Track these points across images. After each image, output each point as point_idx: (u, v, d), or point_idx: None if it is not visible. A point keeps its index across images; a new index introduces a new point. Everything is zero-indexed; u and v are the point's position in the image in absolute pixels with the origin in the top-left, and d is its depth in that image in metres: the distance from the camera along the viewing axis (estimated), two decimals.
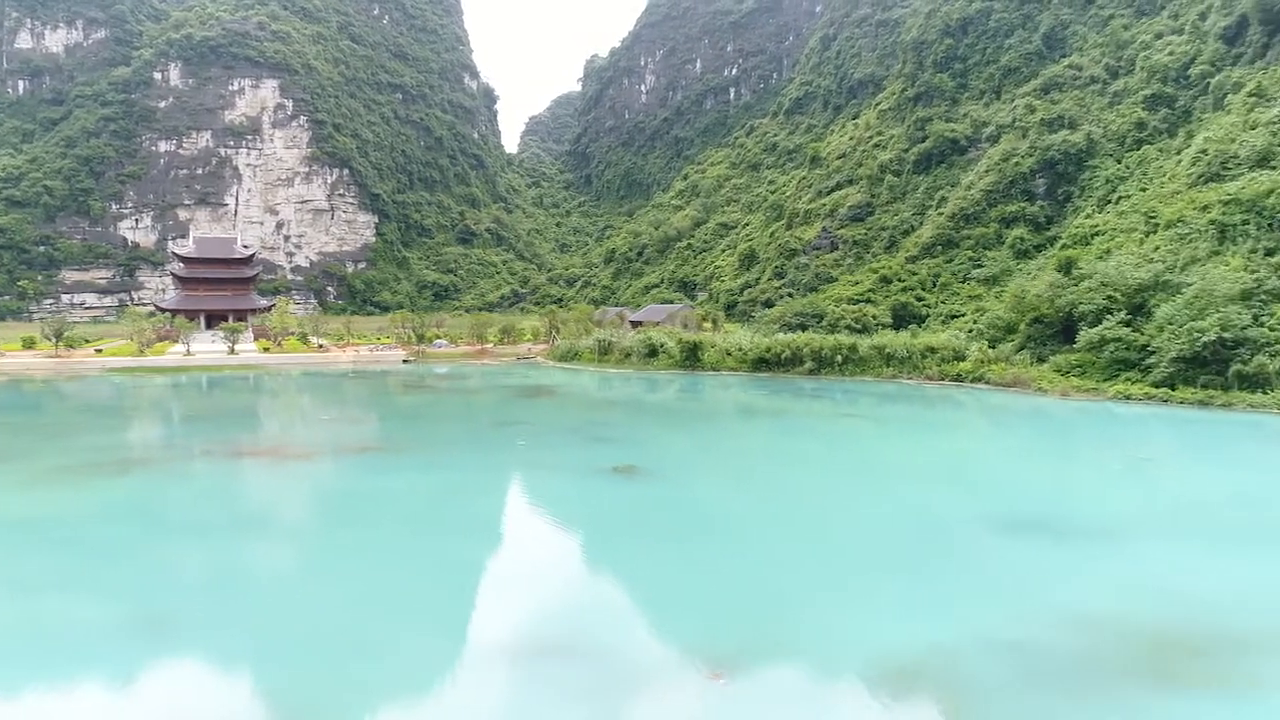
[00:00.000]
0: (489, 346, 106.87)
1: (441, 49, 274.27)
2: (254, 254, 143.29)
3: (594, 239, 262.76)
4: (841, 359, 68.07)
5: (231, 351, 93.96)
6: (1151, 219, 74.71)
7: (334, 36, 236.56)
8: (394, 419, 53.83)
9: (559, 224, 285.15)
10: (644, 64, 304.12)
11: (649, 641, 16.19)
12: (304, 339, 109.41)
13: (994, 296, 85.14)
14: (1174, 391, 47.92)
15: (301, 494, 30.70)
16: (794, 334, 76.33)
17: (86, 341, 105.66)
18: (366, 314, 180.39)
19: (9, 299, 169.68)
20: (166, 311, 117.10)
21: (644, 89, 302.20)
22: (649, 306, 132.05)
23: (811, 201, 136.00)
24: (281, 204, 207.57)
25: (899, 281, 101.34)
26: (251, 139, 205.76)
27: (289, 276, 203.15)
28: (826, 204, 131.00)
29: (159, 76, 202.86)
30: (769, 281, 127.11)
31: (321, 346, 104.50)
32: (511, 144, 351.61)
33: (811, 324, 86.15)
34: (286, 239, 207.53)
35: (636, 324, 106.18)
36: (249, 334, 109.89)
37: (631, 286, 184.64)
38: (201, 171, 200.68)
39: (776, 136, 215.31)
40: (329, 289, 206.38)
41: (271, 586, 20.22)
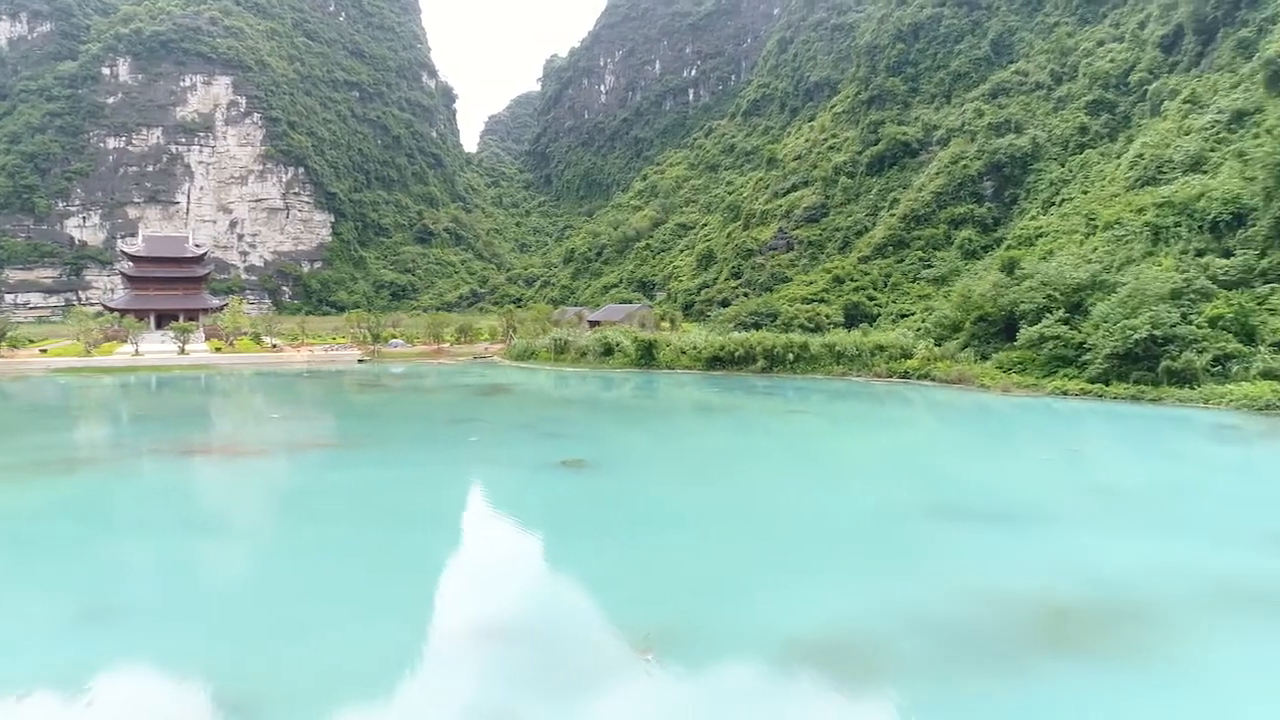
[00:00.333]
0: (445, 346, 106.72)
1: (399, 47, 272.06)
2: (205, 253, 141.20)
3: (553, 239, 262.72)
4: (793, 357, 69.31)
5: (182, 351, 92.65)
6: (1092, 221, 77.22)
7: (288, 33, 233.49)
8: (348, 417, 53.80)
9: (518, 224, 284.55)
10: (603, 64, 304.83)
11: (587, 624, 16.92)
12: (257, 339, 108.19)
13: (942, 296, 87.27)
14: (1108, 387, 49.83)
15: (253, 490, 30.79)
16: (748, 333, 77.61)
17: (31, 342, 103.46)
18: (323, 314, 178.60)
19: None
20: (115, 311, 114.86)
21: (603, 89, 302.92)
22: (607, 306, 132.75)
23: (768, 202, 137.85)
24: (235, 202, 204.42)
25: (851, 281, 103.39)
26: (204, 136, 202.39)
27: (243, 276, 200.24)
28: (782, 205, 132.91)
29: (107, 71, 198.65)
30: (726, 281, 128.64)
31: (275, 346, 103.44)
32: (471, 143, 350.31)
33: (766, 323, 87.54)
34: (240, 238, 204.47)
35: (595, 324, 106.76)
36: (200, 334, 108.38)
37: (591, 286, 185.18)
38: (152, 169, 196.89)
39: (734, 138, 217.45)
40: (284, 289, 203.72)
41: (222, 579, 20.43)
